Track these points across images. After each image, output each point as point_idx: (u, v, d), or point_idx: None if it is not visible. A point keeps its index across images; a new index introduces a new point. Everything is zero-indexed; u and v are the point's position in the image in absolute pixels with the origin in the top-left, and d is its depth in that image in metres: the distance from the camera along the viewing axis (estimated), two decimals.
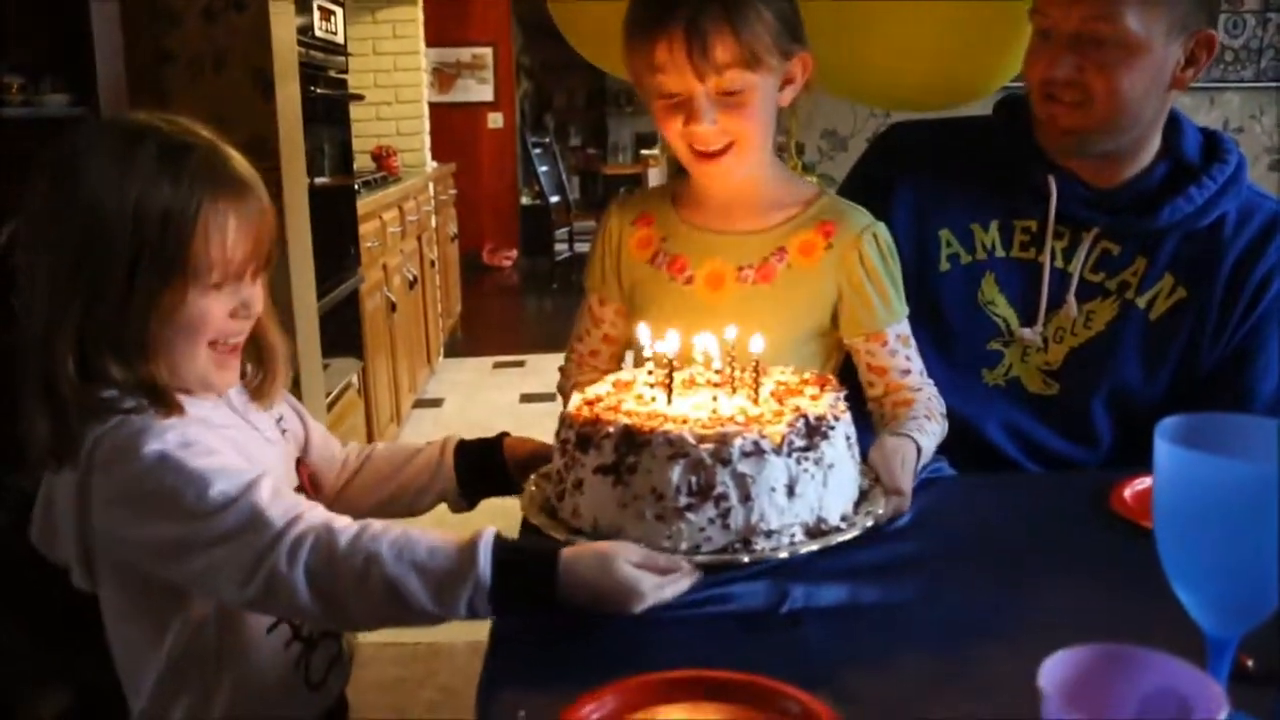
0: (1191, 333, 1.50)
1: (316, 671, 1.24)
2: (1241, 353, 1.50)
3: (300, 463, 1.30)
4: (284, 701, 1.20)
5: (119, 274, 1.05)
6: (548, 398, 1.54)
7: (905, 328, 1.41)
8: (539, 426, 1.42)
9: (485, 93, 8.19)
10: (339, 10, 3.39)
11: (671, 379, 1.11)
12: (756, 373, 1.13)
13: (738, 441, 1.01)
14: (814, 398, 1.13)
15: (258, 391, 1.23)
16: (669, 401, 1.10)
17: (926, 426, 1.32)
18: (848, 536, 1.06)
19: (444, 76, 7.97)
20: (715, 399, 1.10)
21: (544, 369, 1.64)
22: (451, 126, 7.62)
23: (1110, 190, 1.50)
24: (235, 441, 1.14)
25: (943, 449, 1.43)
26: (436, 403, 5.03)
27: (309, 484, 1.29)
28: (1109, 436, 1.56)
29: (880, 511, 1.11)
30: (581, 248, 7.82)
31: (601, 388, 1.18)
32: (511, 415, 4.73)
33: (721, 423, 1.04)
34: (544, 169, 8.13)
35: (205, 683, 1.14)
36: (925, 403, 1.37)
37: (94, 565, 1.11)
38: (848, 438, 1.11)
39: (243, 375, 1.21)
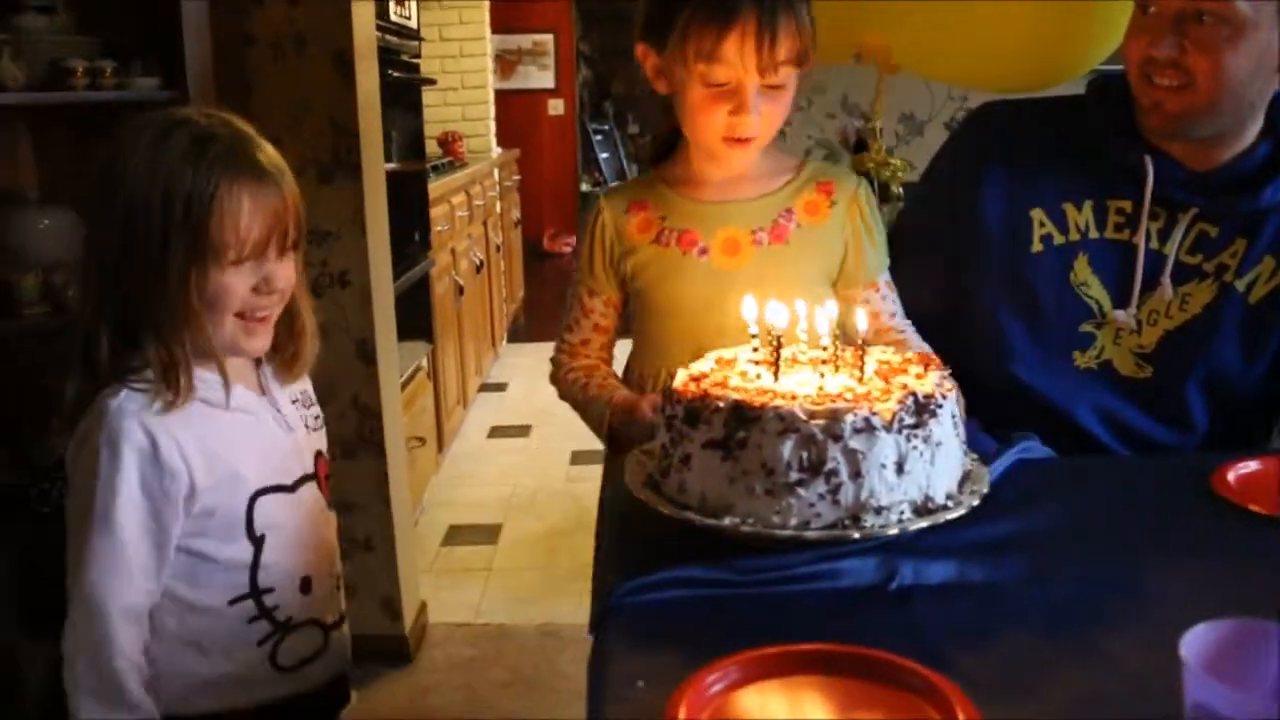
0: None
1: (287, 656, 1.31)
2: None
3: (320, 456, 1.40)
4: (241, 668, 1.28)
5: (154, 251, 1.16)
6: None
7: (889, 274, 1.50)
8: None
9: (546, 79, 8.21)
10: None
11: (779, 356, 1.11)
12: (862, 350, 1.13)
13: (849, 418, 1.01)
14: (919, 376, 1.13)
15: (284, 366, 1.34)
16: (775, 378, 1.11)
17: None
18: (956, 514, 1.05)
19: (505, 63, 7.99)
20: (823, 375, 1.11)
21: None
22: (512, 113, 7.65)
23: (1207, 172, 1.47)
24: (233, 426, 1.25)
25: (1035, 431, 1.42)
26: (501, 387, 5.07)
27: (324, 479, 1.39)
28: (1204, 421, 1.54)
29: (985, 490, 1.10)
30: None
31: (704, 364, 1.18)
32: None
33: (830, 399, 1.04)
34: (604, 155, 8.14)
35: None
36: (917, 344, 1.47)
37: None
38: (953, 416, 1.10)
39: (277, 349, 1.32)
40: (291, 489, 1.32)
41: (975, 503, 1.08)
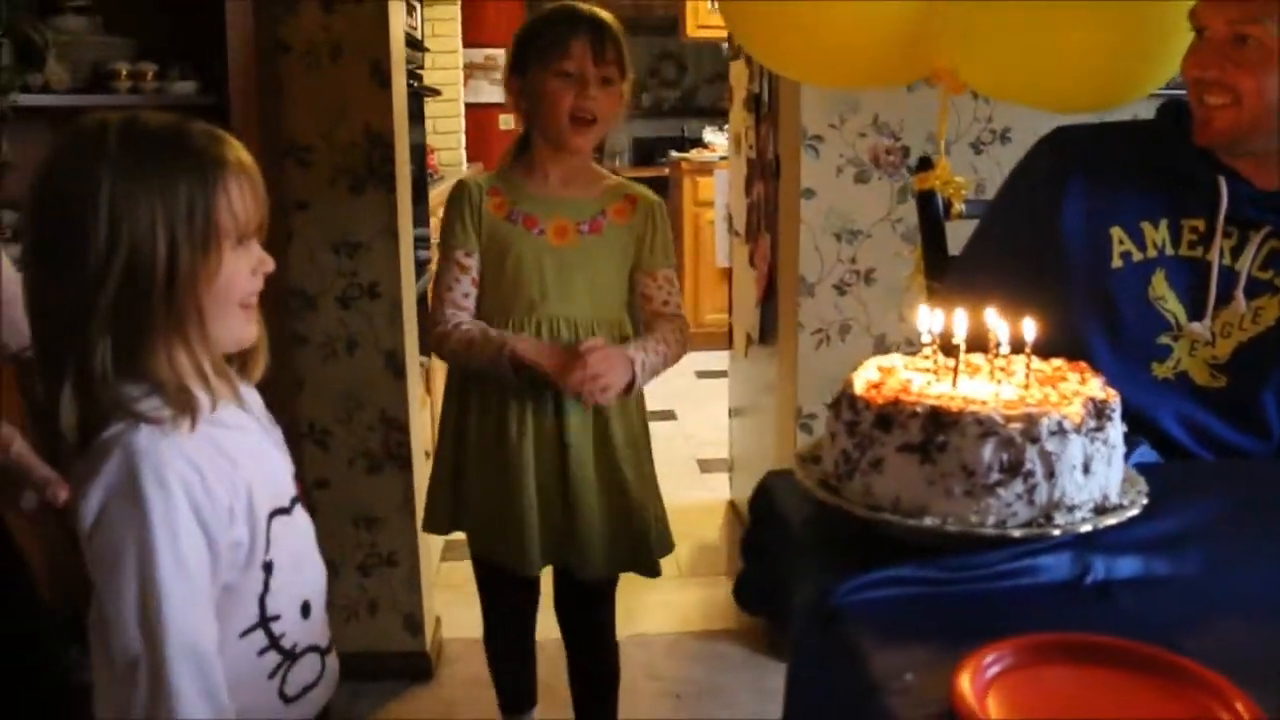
0: None
1: (294, 685, 1.26)
2: None
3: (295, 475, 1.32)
4: (253, 707, 1.21)
5: (161, 271, 1.09)
6: None
7: (673, 273, 2.05)
8: None
9: (496, 94, 8.16)
10: (419, 5, 3.39)
11: (958, 364, 1.15)
12: (1028, 357, 1.17)
13: (1044, 421, 1.05)
14: (1081, 382, 1.18)
15: (243, 369, 1.25)
16: (954, 384, 1.15)
17: (648, 344, 1.94)
18: (1134, 512, 1.10)
19: None
20: (999, 382, 1.15)
21: None
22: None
23: (1277, 191, 1.56)
24: (240, 446, 1.18)
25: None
26: None
27: (304, 499, 1.32)
28: None
29: (1147, 490, 1.15)
30: None
31: (870, 373, 1.21)
32: None
33: (1016, 405, 1.08)
34: None
35: None
36: (668, 323, 1.99)
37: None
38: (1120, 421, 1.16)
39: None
40: (289, 510, 1.26)
41: (1145, 501, 1.13)
